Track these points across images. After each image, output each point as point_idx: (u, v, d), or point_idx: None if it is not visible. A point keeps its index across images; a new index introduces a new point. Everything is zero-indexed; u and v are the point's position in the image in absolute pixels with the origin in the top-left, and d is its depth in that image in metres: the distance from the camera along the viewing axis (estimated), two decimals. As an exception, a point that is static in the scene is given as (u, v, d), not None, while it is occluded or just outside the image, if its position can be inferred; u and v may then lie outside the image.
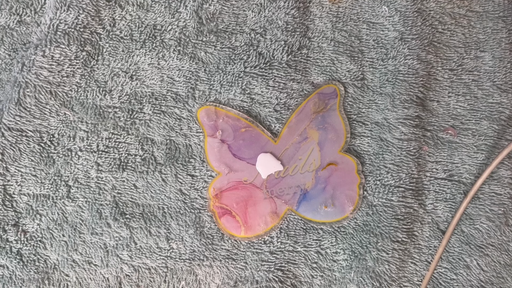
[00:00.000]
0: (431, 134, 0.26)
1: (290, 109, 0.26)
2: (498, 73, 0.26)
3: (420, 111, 0.26)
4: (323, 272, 0.25)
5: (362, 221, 0.26)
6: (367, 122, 0.26)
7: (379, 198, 0.26)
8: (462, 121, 0.26)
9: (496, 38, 0.26)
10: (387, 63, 0.26)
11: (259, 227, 0.25)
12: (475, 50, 0.27)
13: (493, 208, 0.26)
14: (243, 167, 0.25)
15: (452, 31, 0.27)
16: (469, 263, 0.26)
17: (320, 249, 0.25)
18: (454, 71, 0.26)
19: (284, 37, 0.26)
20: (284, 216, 0.25)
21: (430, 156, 0.26)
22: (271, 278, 0.25)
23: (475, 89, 0.26)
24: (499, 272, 0.26)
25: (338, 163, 0.26)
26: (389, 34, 0.26)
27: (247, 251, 0.25)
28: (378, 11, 0.26)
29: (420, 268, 0.26)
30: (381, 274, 0.25)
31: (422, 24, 0.26)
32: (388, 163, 0.26)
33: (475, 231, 0.26)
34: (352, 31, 0.26)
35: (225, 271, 0.25)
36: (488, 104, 0.26)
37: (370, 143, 0.26)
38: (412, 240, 0.26)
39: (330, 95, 0.26)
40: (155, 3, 0.26)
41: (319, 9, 0.26)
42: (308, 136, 0.26)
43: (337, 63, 0.26)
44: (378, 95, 0.26)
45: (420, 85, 0.26)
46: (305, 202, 0.25)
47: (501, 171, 0.26)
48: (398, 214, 0.25)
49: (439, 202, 0.26)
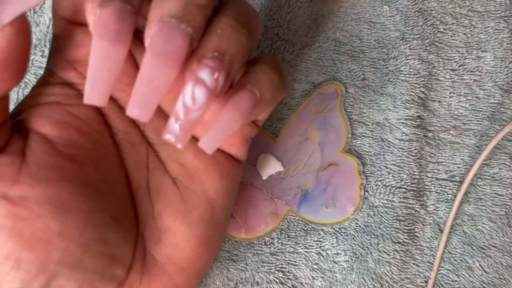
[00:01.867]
0: (433, 135, 0.26)
1: (290, 109, 0.26)
2: (499, 73, 0.26)
3: (421, 112, 0.26)
4: (324, 274, 0.25)
5: (363, 222, 0.25)
6: (368, 123, 0.26)
7: (380, 199, 0.25)
8: (464, 122, 0.26)
9: (497, 38, 0.26)
10: (388, 63, 0.26)
11: (260, 228, 0.25)
12: (476, 50, 0.26)
13: (495, 209, 0.26)
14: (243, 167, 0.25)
15: (454, 31, 0.26)
16: (471, 265, 0.26)
17: (321, 250, 0.25)
18: (455, 71, 0.26)
19: (285, 37, 0.26)
20: (285, 217, 0.25)
21: (431, 156, 0.26)
22: (271, 279, 0.25)
23: (476, 90, 0.26)
24: (501, 273, 0.26)
25: (339, 164, 0.25)
26: (390, 34, 0.26)
27: (247, 252, 0.25)
28: (379, 11, 0.26)
29: (422, 269, 0.25)
30: (383, 276, 0.25)
31: (424, 24, 0.26)
32: (389, 163, 0.26)
33: (477, 232, 0.26)
34: (353, 30, 0.26)
35: (225, 273, 0.25)
36: (490, 105, 0.26)
37: (371, 143, 0.26)
38: (413, 241, 0.25)
39: (331, 96, 0.26)
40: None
41: (320, 9, 0.26)
42: (309, 137, 0.25)
43: (338, 63, 0.26)
44: (379, 96, 0.26)
45: (421, 85, 0.26)
46: (305, 203, 0.25)
47: (503, 171, 0.26)
48: (400, 215, 0.25)
49: (441, 203, 0.26)
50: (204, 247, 0.19)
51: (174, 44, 0.13)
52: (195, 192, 0.19)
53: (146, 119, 0.13)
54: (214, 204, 0.19)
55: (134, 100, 0.13)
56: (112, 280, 0.16)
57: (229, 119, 0.15)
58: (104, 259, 0.16)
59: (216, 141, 0.15)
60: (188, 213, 0.18)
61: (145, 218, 0.18)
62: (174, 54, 0.13)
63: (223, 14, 0.15)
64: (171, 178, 0.19)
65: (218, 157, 0.19)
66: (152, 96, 0.13)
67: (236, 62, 0.14)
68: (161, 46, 0.13)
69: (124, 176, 0.18)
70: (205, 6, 0.14)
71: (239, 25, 0.14)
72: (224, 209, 0.20)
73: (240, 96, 0.15)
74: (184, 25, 0.13)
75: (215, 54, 0.14)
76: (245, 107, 0.15)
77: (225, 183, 0.19)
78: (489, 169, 0.26)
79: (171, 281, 0.18)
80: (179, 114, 0.14)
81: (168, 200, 0.18)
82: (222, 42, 0.14)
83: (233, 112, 0.15)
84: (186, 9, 0.13)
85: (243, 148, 0.20)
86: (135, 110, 0.13)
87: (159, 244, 0.18)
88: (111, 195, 0.17)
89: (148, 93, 0.13)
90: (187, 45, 0.13)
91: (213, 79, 0.13)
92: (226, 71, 0.14)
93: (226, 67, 0.14)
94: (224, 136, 0.15)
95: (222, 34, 0.14)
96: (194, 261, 0.19)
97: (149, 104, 0.13)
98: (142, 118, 0.13)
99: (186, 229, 0.18)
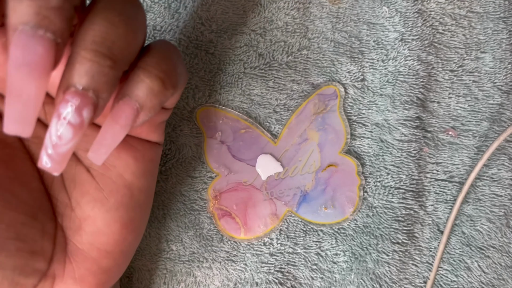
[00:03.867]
0: (432, 136, 0.26)
1: (290, 110, 0.26)
2: (498, 74, 0.26)
3: (420, 112, 0.26)
4: (323, 274, 0.25)
5: (362, 223, 0.26)
6: (367, 123, 0.26)
7: (379, 199, 0.26)
8: (463, 122, 0.26)
9: (496, 39, 0.26)
10: (387, 64, 0.26)
11: (259, 228, 0.25)
12: (475, 51, 0.26)
13: (494, 210, 0.26)
14: (242, 168, 0.25)
15: (453, 32, 0.26)
16: (470, 265, 0.26)
17: (320, 251, 0.25)
18: (454, 72, 0.26)
19: (284, 38, 0.26)
20: (284, 217, 0.25)
21: (430, 157, 0.26)
22: (271, 280, 0.25)
23: (475, 90, 0.26)
24: (500, 274, 0.26)
25: (338, 165, 0.25)
26: (389, 35, 0.26)
27: (246, 252, 0.25)
28: (379, 12, 0.26)
29: (421, 270, 0.25)
30: (382, 276, 0.25)
31: (423, 25, 0.26)
32: (388, 164, 0.26)
33: (475, 232, 0.26)
34: (352, 32, 0.26)
35: (224, 273, 0.25)
36: (489, 105, 0.26)
37: (370, 144, 0.26)
38: (412, 241, 0.26)
39: (330, 96, 0.26)
40: (155, 3, 0.26)
41: (319, 10, 0.26)
42: (308, 137, 0.26)
43: (337, 64, 0.26)
44: (379, 96, 0.26)
45: (420, 86, 0.26)
46: (305, 203, 0.25)
47: (501, 172, 0.26)
48: (399, 216, 0.25)
49: (440, 203, 0.26)
50: (126, 229, 0.19)
51: (34, 53, 0.12)
52: (111, 178, 0.18)
53: (28, 134, 0.12)
54: (132, 187, 0.19)
55: (8, 117, 0.12)
56: (34, 273, 0.17)
57: (111, 132, 0.14)
58: (22, 255, 0.16)
59: (103, 154, 0.14)
60: (106, 200, 0.18)
61: (62, 209, 0.18)
62: (38, 64, 0.12)
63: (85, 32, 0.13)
64: (85, 167, 0.18)
65: (130, 140, 0.19)
66: (26, 110, 0.12)
67: (103, 91, 0.13)
68: (21, 57, 0.12)
69: (37, 171, 0.18)
70: (61, 7, 0.12)
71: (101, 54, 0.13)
72: (143, 190, 0.19)
73: (118, 109, 0.14)
74: (41, 31, 0.12)
75: (79, 87, 0.13)
76: (126, 119, 0.14)
77: (141, 165, 0.19)
78: (488, 169, 0.26)
79: (97, 265, 0.18)
80: (48, 148, 0.13)
81: (85, 189, 0.18)
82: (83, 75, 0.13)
83: (114, 125, 0.14)
84: (40, 13, 0.12)
85: (156, 132, 0.20)
86: (12, 127, 0.12)
87: (79, 232, 0.18)
88: (25, 192, 0.17)
89: (21, 107, 0.12)
90: (50, 51, 0.12)
91: (77, 116, 0.13)
92: (92, 105, 0.13)
93: (92, 101, 0.13)
94: (109, 148, 0.14)
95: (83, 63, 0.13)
96: (118, 244, 0.19)
97: (25, 118, 0.12)
98: (22, 134, 0.12)
99: (105, 215, 0.18)
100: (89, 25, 0.13)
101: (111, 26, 0.13)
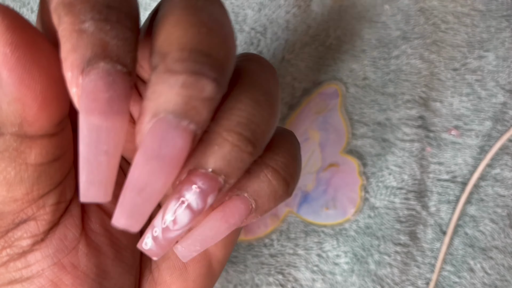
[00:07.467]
0: (434, 135, 0.26)
1: (291, 109, 0.25)
2: (502, 73, 0.26)
3: (423, 112, 0.26)
4: (324, 276, 0.25)
5: (364, 224, 0.25)
6: (369, 123, 0.26)
7: (381, 200, 0.25)
8: (466, 122, 0.26)
9: (499, 38, 0.26)
10: (389, 62, 0.26)
11: (259, 229, 0.25)
12: (478, 50, 0.26)
13: (497, 210, 0.26)
14: (243, 168, 0.25)
15: (455, 30, 0.26)
16: (473, 266, 0.25)
17: (321, 252, 0.25)
18: (457, 70, 0.26)
19: (284, 36, 0.26)
20: (285, 218, 0.25)
21: (433, 157, 0.26)
22: (271, 281, 0.25)
23: (478, 89, 0.26)
24: (503, 275, 0.25)
25: (339, 164, 0.25)
26: (391, 33, 0.26)
27: (246, 254, 0.25)
28: (380, 10, 0.26)
29: (423, 271, 0.25)
30: (383, 277, 0.25)
31: (425, 23, 0.26)
32: (390, 164, 0.25)
33: (478, 233, 0.25)
34: (354, 30, 0.26)
35: (224, 275, 0.25)
36: (492, 105, 0.26)
37: (372, 144, 0.26)
38: (415, 242, 0.25)
39: (331, 95, 0.25)
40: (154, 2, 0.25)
41: (320, 8, 0.26)
42: (309, 137, 0.25)
43: (339, 62, 0.26)
44: (380, 95, 0.26)
45: (423, 85, 0.26)
46: (306, 204, 0.25)
47: (505, 172, 0.26)
48: (401, 216, 0.25)
49: (442, 204, 0.26)
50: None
51: (173, 145, 0.10)
52: None
53: (137, 229, 0.11)
54: (212, 258, 0.18)
55: (122, 209, 0.11)
56: None
57: (215, 229, 0.13)
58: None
59: (194, 251, 0.13)
60: (185, 268, 0.18)
61: (142, 269, 0.18)
62: (173, 159, 0.10)
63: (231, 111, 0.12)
64: None
65: None
66: (144, 205, 0.11)
67: (233, 177, 0.12)
68: (156, 149, 0.10)
69: None
70: (212, 98, 0.11)
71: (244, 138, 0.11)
72: (221, 262, 0.19)
73: (233, 205, 0.13)
74: (185, 122, 0.10)
75: (209, 170, 0.11)
76: (236, 219, 0.13)
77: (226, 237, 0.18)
78: (491, 169, 0.26)
79: None
80: (157, 231, 0.12)
81: (167, 255, 0.18)
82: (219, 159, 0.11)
83: (221, 222, 0.13)
84: (189, 103, 0.10)
85: None
86: (123, 220, 0.11)
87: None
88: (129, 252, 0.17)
89: (140, 201, 0.11)
90: (188, 146, 0.11)
91: (201, 201, 0.11)
92: (218, 190, 0.12)
93: (219, 186, 0.12)
94: (204, 246, 0.13)
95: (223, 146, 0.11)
96: None
97: (140, 214, 0.11)
98: (131, 229, 0.11)
99: (182, 283, 0.18)
100: (235, 104, 0.12)
101: (257, 106, 0.12)
